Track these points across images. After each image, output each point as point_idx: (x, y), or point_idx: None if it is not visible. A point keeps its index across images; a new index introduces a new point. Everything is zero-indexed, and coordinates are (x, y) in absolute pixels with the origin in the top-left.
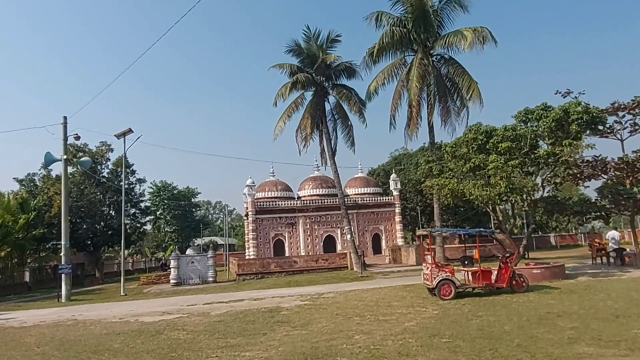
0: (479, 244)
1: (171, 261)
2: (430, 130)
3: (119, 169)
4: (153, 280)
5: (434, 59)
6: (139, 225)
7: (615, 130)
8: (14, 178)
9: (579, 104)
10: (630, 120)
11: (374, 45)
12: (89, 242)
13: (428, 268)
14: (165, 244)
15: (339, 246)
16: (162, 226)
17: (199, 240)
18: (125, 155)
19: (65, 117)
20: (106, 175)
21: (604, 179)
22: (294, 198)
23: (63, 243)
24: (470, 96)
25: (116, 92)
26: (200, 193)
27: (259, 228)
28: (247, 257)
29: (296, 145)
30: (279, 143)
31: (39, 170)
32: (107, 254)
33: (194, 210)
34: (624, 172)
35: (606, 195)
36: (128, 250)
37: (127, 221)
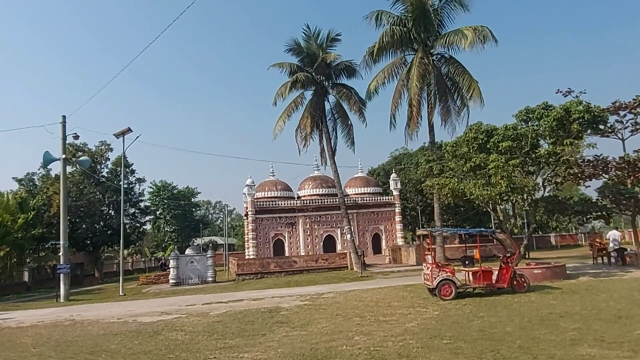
0: (480, 243)
1: (170, 261)
2: (431, 129)
3: (119, 169)
4: (152, 280)
5: (434, 58)
6: (138, 225)
7: (616, 129)
8: (13, 177)
9: (580, 103)
10: (631, 120)
11: (374, 45)
12: (88, 242)
13: (428, 268)
14: (165, 243)
15: (338, 246)
16: (162, 226)
17: (198, 240)
18: (124, 155)
19: (64, 117)
20: (106, 175)
21: (605, 178)
22: (294, 198)
23: (62, 243)
24: (471, 95)
25: (116, 92)
26: (200, 193)
27: (259, 228)
28: (247, 257)
29: (296, 145)
30: (278, 143)
31: (38, 169)
32: (107, 254)
33: (194, 210)
34: (625, 172)
35: (607, 195)
36: (128, 250)
37: (127, 221)
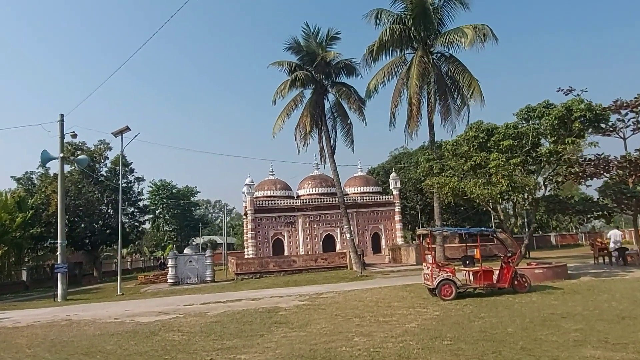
0: (480, 243)
1: (169, 260)
2: (431, 128)
3: (118, 168)
4: (151, 280)
5: (434, 56)
6: (137, 224)
7: (617, 128)
8: (12, 176)
9: (582, 102)
10: (633, 119)
11: (374, 43)
12: (87, 241)
13: (429, 268)
14: (164, 243)
15: (338, 245)
16: (161, 225)
17: (198, 240)
18: (122, 154)
19: (62, 115)
20: (104, 174)
21: (606, 177)
22: (293, 197)
23: (59, 242)
24: (471, 94)
25: (116, 91)
26: (199, 192)
27: (258, 227)
28: (246, 257)
29: (295, 144)
30: (278, 142)
31: (37, 168)
32: (106, 253)
33: (193, 209)
34: (626, 171)
35: (609, 194)
36: (127, 249)
37: (126, 220)
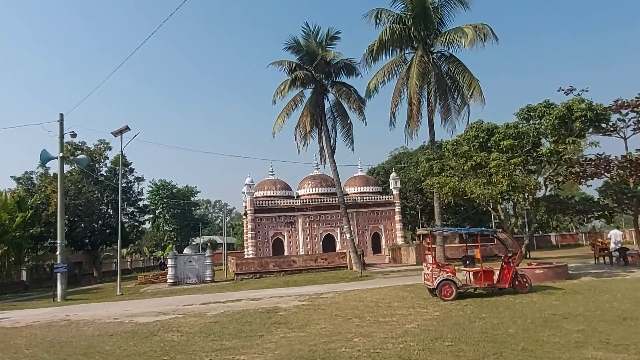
0: (480, 243)
1: (168, 260)
2: (431, 128)
3: (117, 167)
4: (150, 280)
5: (434, 56)
6: (137, 224)
7: (618, 128)
8: (12, 176)
9: (583, 101)
10: (633, 118)
11: (374, 43)
12: (86, 241)
13: (429, 268)
14: (164, 242)
15: (338, 245)
16: (161, 225)
17: (198, 239)
18: (122, 153)
19: (61, 115)
20: (104, 174)
21: (607, 177)
22: (293, 197)
23: (59, 242)
24: (471, 94)
25: (116, 92)
26: (199, 192)
27: (258, 227)
28: (246, 257)
29: (295, 144)
30: (278, 142)
31: (37, 168)
32: (106, 253)
33: (193, 209)
34: (627, 171)
35: (609, 194)
36: (127, 249)
37: (125, 220)
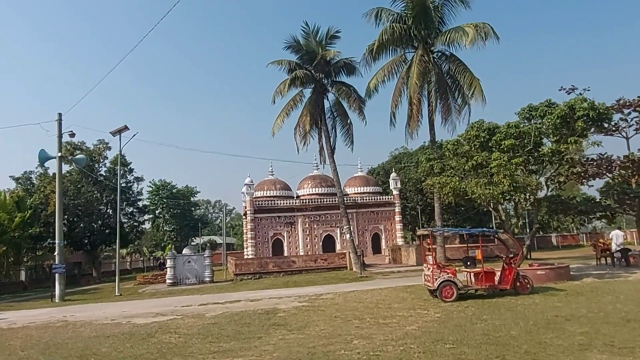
0: (481, 244)
1: (167, 261)
2: (431, 128)
3: (117, 167)
4: (149, 280)
5: (434, 55)
6: (136, 224)
7: (620, 127)
8: (11, 176)
9: (585, 100)
10: (636, 118)
11: (374, 42)
12: (86, 241)
13: (429, 269)
14: (164, 243)
15: (338, 246)
16: (161, 225)
17: (197, 240)
18: (121, 153)
19: (59, 114)
20: (103, 174)
21: (609, 177)
22: (293, 197)
23: (57, 242)
24: (472, 93)
25: (117, 92)
26: (199, 192)
27: (258, 227)
28: (246, 257)
29: (295, 144)
30: (278, 142)
31: (36, 168)
32: (106, 253)
33: (193, 209)
34: (629, 171)
35: (611, 194)
36: (126, 249)
37: (125, 220)
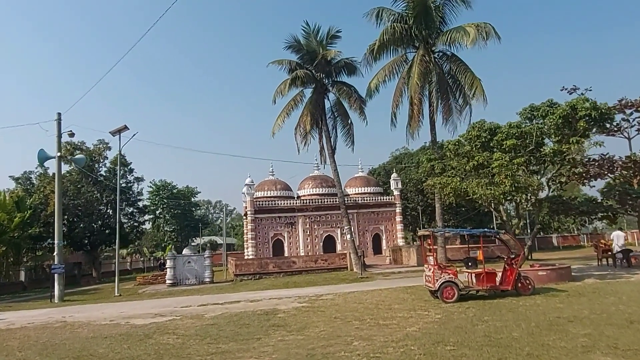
0: (482, 244)
1: (167, 261)
2: (432, 128)
3: (117, 167)
4: (149, 281)
5: (435, 55)
6: (136, 224)
7: (622, 128)
8: (10, 176)
9: (587, 100)
10: (638, 118)
11: (375, 42)
12: (86, 241)
13: (430, 269)
14: (164, 243)
15: (338, 246)
16: (162, 225)
17: (198, 240)
18: (120, 153)
19: (59, 114)
20: (104, 174)
21: (610, 178)
22: (294, 197)
23: (56, 242)
24: (473, 93)
25: (117, 92)
26: (200, 192)
27: (258, 228)
28: (246, 257)
29: (295, 144)
30: (279, 142)
31: (36, 168)
32: (106, 253)
33: (194, 209)
34: (631, 172)
35: (613, 195)
36: (127, 249)
37: (125, 220)
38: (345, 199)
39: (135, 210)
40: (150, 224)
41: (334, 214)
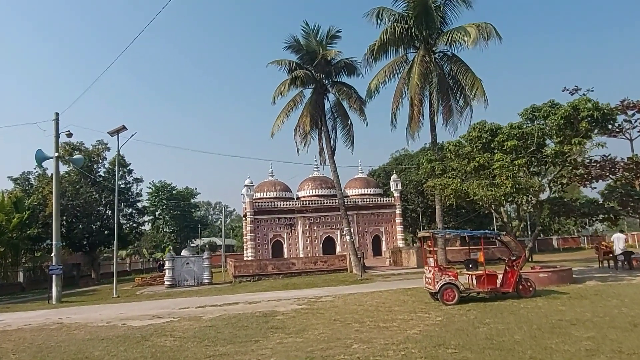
0: (483, 246)
1: (166, 262)
2: (433, 129)
3: (115, 168)
4: (148, 282)
5: (436, 56)
6: (136, 225)
7: (624, 129)
8: (9, 176)
9: (589, 101)
10: None
11: (375, 42)
12: (84, 242)
13: (430, 271)
14: (163, 244)
15: (338, 248)
16: (161, 226)
17: (197, 241)
18: (119, 153)
19: (57, 114)
20: (102, 175)
21: (612, 179)
22: (293, 198)
23: (54, 243)
24: (474, 94)
25: (116, 92)
26: (199, 193)
27: (257, 229)
28: (245, 259)
29: (295, 145)
30: (278, 142)
31: (34, 168)
32: (105, 254)
33: (193, 210)
34: (632, 173)
35: (615, 196)
36: (126, 250)
37: (124, 221)
38: (345, 200)
39: (134, 211)
40: (150, 225)
41: (333, 215)
